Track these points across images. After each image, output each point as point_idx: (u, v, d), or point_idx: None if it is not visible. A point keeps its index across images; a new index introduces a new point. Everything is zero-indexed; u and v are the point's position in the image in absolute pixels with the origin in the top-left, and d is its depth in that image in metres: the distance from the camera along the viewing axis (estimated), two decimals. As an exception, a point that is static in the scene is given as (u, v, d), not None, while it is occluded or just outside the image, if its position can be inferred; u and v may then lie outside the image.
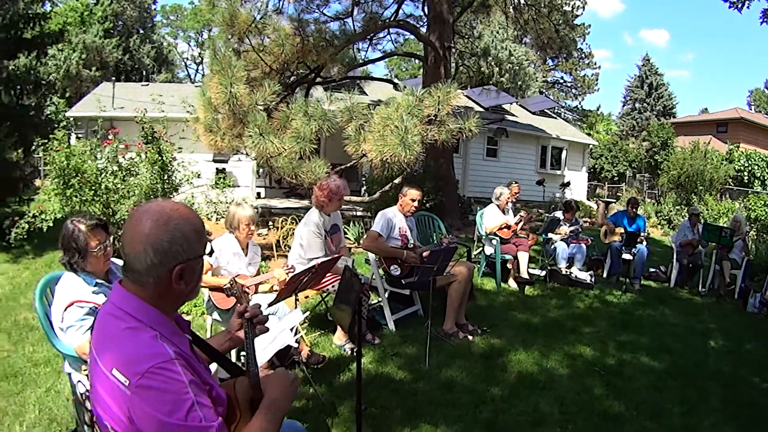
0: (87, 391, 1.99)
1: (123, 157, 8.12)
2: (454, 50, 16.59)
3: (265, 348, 3.75)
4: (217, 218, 8.76)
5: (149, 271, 1.78)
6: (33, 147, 8.68)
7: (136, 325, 1.75)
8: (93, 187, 7.63)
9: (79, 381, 2.12)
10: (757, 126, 38.88)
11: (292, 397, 2.08)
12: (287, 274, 5.17)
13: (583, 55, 45.57)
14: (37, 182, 15.78)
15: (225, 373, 2.33)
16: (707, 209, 19.19)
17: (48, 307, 3.51)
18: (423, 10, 14.79)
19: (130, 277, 1.83)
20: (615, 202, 21.63)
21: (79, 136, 15.94)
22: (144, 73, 37.87)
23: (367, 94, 17.21)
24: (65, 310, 3.27)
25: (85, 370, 3.08)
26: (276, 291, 5.22)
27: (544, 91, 42.85)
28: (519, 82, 36.59)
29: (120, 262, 3.64)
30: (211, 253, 4.79)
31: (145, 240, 1.76)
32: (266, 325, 2.35)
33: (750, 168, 28.27)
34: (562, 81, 48.20)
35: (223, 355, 2.29)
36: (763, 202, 17.82)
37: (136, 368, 1.63)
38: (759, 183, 27.90)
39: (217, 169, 15.08)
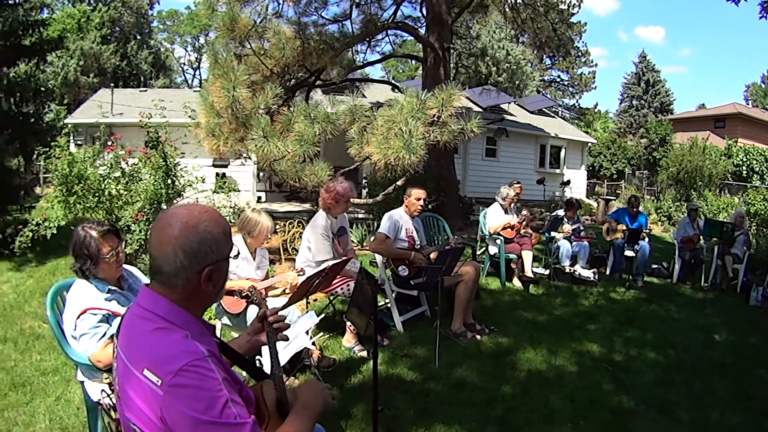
0: (110, 399, 2.00)
1: (126, 163, 8.14)
2: (452, 51, 16.59)
3: (280, 352, 3.77)
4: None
5: (178, 273, 1.80)
6: (34, 155, 8.69)
7: (166, 326, 1.76)
8: (96, 194, 7.68)
9: (102, 390, 2.12)
10: (754, 121, 38.88)
11: (324, 402, 2.08)
12: (297, 276, 5.18)
13: (579, 54, 45.54)
14: (38, 190, 15.77)
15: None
16: (707, 205, 19.23)
17: (59, 315, 3.50)
18: (421, 11, 14.76)
19: (158, 279, 1.84)
20: (615, 200, 21.70)
21: (79, 143, 15.98)
22: (142, 78, 37.93)
23: (366, 97, 17.23)
24: (78, 317, 3.25)
25: (106, 379, 3.09)
26: (286, 294, 5.24)
27: (541, 90, 42.83)
28: (517, 82, 36.63)
29: (132, 269, 3.67)
30: (237, 256, 4.81)
31: (175, 242, 1.78)
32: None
33: (749, 163, 28.35)
34: (559, 80, 48.26)
35: (246, 359, 2.30)
36: (762, 196, 17.87)
37: (168, 367, 1.63)
38: (758, 177, 27.96)
39: (217, 173, 15.09)
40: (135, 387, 1.69)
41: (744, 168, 28.19)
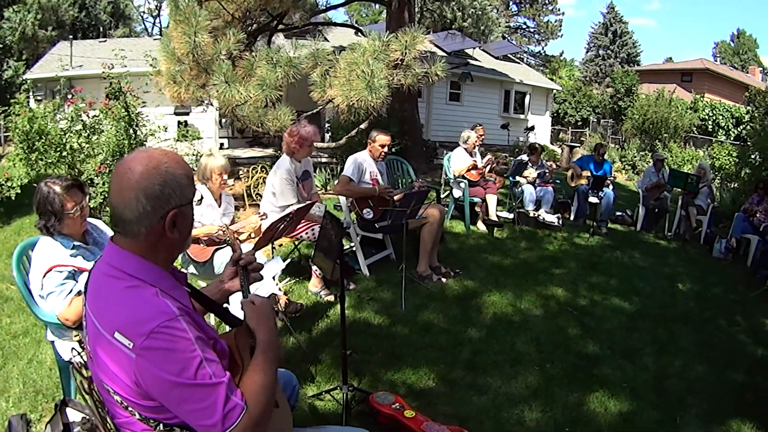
0: (81, 357, 1.93)
1: (87, 115, 8.04)
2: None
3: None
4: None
5: (141, 220, 1.72)
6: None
7: (135, 284, 1.70)
8: (58, 149, 7.57)
9: (72, 348, 2.03)
10: (722, 77, 39.43)
11: (272, 322, 1.99)
12: (261, 219, 5.15)
13: (546, 1, 45.41)
14: (-1, 149, 15.41)
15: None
16: (671, 156, 19.55)
17: (26, 275, 3.38)
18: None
19: (120, 229, 1.77)
20: (579, 147, 21.84)
21: (39, 98, 15.64)
22: (101, 29, 36.74)
23: (328, 41, 16.95)
24: (44, 276, 3.15)
25: (76, 337, 3.00)
26: (252, 240, 5.17)
27: (507, 36, 42.74)
28: (482, 27, 36.44)
29: (96, 222, 3.56)
30: (200, 201, 4.76)
31: (136, 186, 1.70)
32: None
33: (714, 118, 28.71)
34: (525, 27, 47.94)
35: (221, 306, 2.26)
36: (727, 151, 18.20)
37: (140, 329, 1.59)
38: (723, 132, 28.35)
39: (179, 122, 14.85)
40: (107, 349, 1.65)
41: (710, 123, 28.55)
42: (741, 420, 4.20)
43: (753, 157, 12.43)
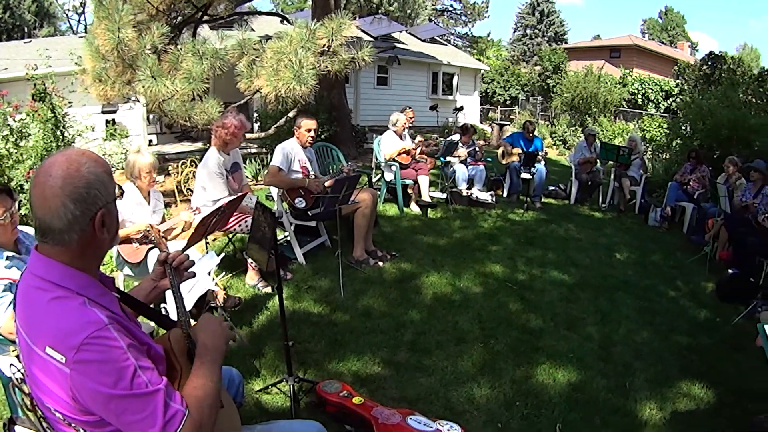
0: (21, 372, 1.82)
1: (13, 119, 7.79)
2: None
3: (185, 296, 3.59)
4: (113, 171, 8.46)
5: (72, 226, 1.67)
6: None
7: (61, 294, 1.64)
8: None
9: (11, 364, 1.88)
10: (650, 52, 40.65)
11: (224, 339, 2.00)
12: (193, 215, 5.02)
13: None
14: None
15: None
16: (602, 129, 20.00)
17: None
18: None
19: (50, 240, 1.69)
20: (509, 125, 22.13)
21: None
22: (26, 29, 35.58)
23: (254, 30, 16.73)
24: None
25: (14, 351, 2.82)
26: (184, 236, 5.03)
27: (433, 19, 42.92)
28: (408, 11, 36.61)
29: (28, 230, 3.37)
30: (122, 195, 4.67)
31: (61, 193, 1.64)
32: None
33: (644, 92, 29.46)
34: (451, 8, 48.18)
35: (152, 309, 2.24)
36: (658, 123, 18.75)
37: (70, 342, 1.55)
38: (653, 106, 29.12)
39: (107, 120, 14.49)
40: (41, 366, 1.61)
41: (639, 96, 29.28)
42: (690, 381, 4.34)
43: (684, 128, 12.77)
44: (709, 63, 21.61)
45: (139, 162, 4.75)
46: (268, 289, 5.58)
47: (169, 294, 2.27)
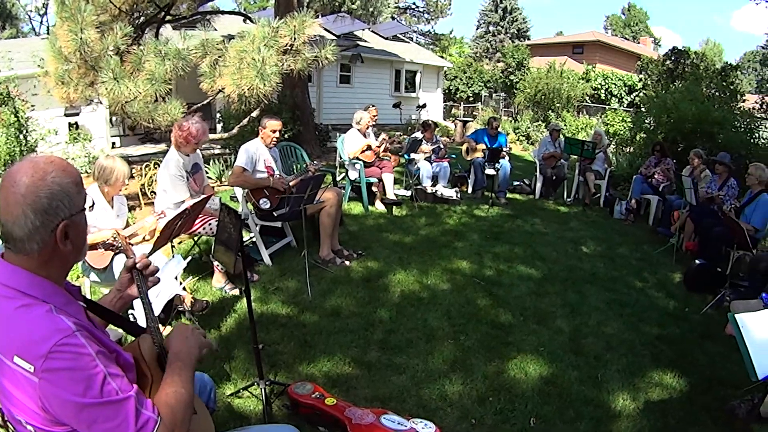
0: None
1: None
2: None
3: (152, 302, 3.51)
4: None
5: (32, 236, 1.64)
6: None
7: (27, 302, 1.62)
8: None
9: None
10: (613, 48, 41.35)
11: (196, 345, 2.00)
12: (158, 219, 4.96)
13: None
14: None
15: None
16: (565, 124, 20.19)
17: None
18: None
19: (12, 247, 1.68)
20: (472, 121, 22.25)
21: None
22: None
23: (217, 30, 16.61)
24: None
25: None
26: (148, 240, 4.97)
27: (396, 16, 43.04)
28: (371, 9, 36.64)
29: None
30: (92, 207, 4.52)
31: (23, 201, 1.62)
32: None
33: (607, 87, 29.86)
34: (414, 6, 48.35)
35: (120, 316, 2.17)
36: (621, 117, 18.99)
37: (37, 350, 1.52)
38: (616, 100, 29.51)
39: (69, 123, 14.25)
40: (9, 377, 1.58)
41: (602, 91, 29.67)
42: (661, 370, 4.39)
43: (647, 121, 12.93)
44: (673, 58, 21.99)
45: (118, 170, 4.69)
46: (236, 292, 5.53)
47: (137, 301, 2.21)
